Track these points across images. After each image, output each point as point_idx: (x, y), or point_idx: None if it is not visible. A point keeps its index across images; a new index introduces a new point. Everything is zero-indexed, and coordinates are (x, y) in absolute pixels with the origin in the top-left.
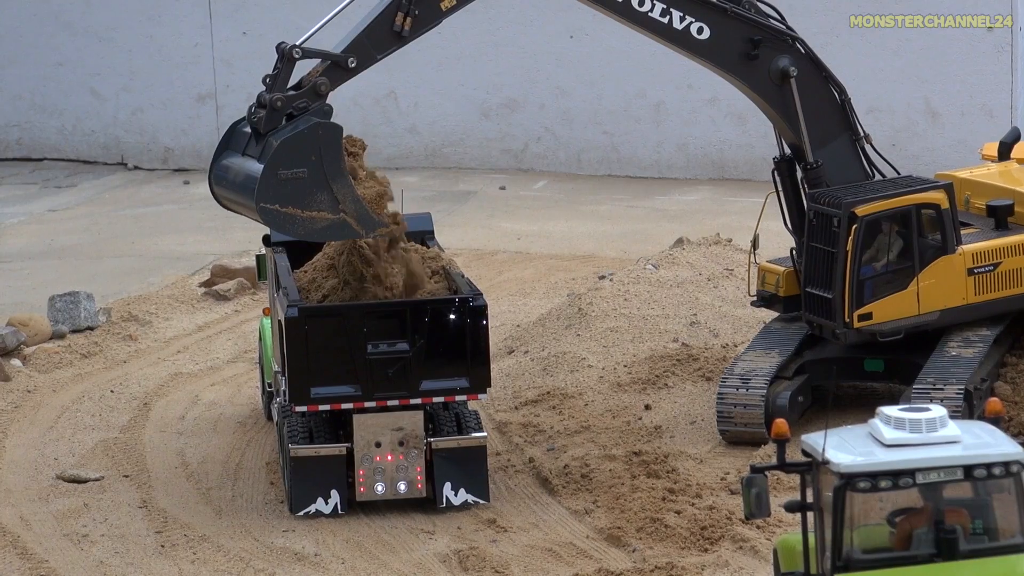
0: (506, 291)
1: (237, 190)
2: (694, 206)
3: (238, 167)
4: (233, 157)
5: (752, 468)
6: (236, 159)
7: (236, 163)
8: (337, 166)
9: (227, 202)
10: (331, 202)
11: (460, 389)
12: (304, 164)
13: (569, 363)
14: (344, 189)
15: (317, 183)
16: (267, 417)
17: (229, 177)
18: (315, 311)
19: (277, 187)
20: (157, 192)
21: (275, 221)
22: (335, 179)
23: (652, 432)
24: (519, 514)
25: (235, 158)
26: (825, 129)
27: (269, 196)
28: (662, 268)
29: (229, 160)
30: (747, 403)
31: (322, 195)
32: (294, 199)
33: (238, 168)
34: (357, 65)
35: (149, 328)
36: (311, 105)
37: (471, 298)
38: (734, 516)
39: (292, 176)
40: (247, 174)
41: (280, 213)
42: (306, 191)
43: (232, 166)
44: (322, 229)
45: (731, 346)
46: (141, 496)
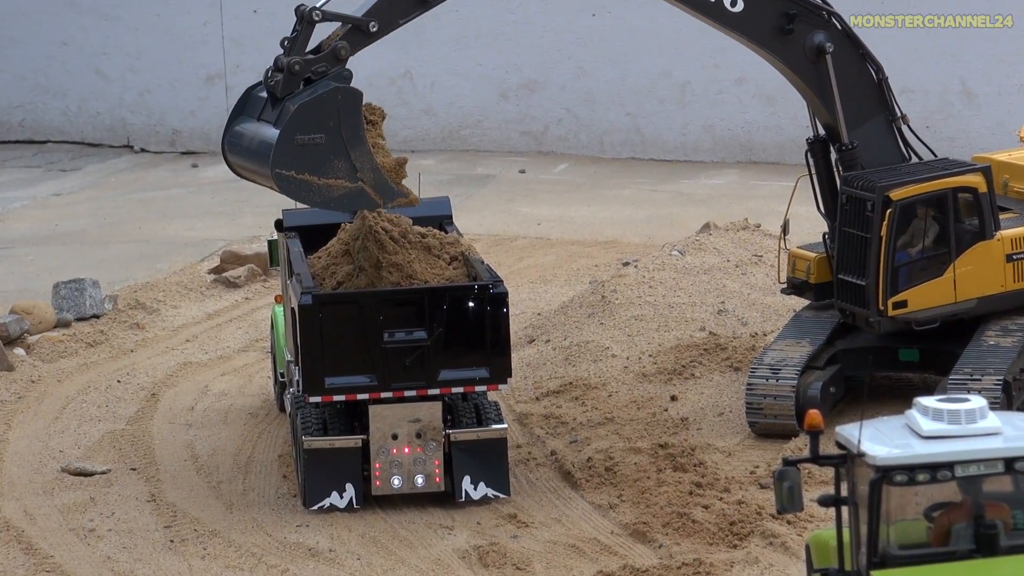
0: (526, 278)
1: (251, 157)
2: (721, 190)
3: (253, 133)
4: (248, 123)
5: (784, 461)
6: (251, 125)
7: (251, 129)
8: (356, 132)
9: (241, 170)
10: (349, 170)
11: (480, 379)
12: (322, 130)
13: (592, 352)
14: (363, 156)
15: (335, 150)
16: (279, 408)
17: (243, 143)
18: (330, 298)
19: (293, 153)
20: (164, 176)
21: (290, 188)
22: (354, 146)
23: (678, 424)
24: (541, 509)
25: (250, 124)
26: (861, 109)
27: (285, 162)
28: (688, 254)
29: (243, 126)
30: (777, 394)
31: (340, 162)
32: (311, 166)
33: (253, 134)
34: (379, 29)
35: (157, 316)
36: (330, 69)
37: (491, 285)
38: (764, 511)
39: (309, 142)
40: (262, 140)
41: (296, 180)
42: (323, 158)
43: (246, 132)
44: (339, 197)
45: (760, 335)
46: (149, 490)
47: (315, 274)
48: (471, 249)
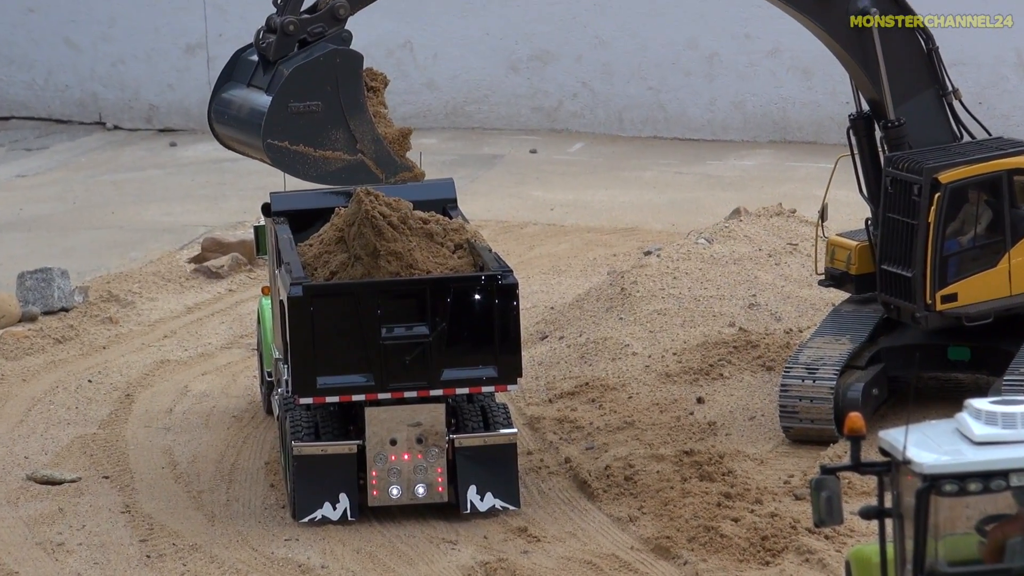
0: (538, 268)
1: (240, 126)
2: (752, 172)
3: (242, 100)
4: (237, 89)
5: (822, 469)
6: (240, 91)
7: (240, 95)
8: (356, 99)
9: (229, 141)
10: (348, 140)
11: (487, 379)
12: (319, 96)
13: (610, 350)
14: (363, 126)
15: (333, 118)
16: (266, 411)
17: (231, 112)
18: (322, 290)
19: (287, 121)
20: (140, 155)
21: (283, 161)
22: (353, 114)
23: (705, 429)
24: (554, 522)
25: (239, 90)
26: (909, 82)
27: (278, 132)
28: (716, 243)
29: (232, 92)
30: (814, 396)
31: (338, 132)
32: (306, 136)
33: (242, 101)
34: None
35: (132, 310)
36: (327, 31)
37: (500, 275)
38: (799, 524)
39: (305, 110)
40: (252, 107)
41: (289, 152)
42: (320, 127)
43: (235, 99)
44: (337, 171)
45: (795, 331)
46: (123, 500)
47: (306, 263)
48: (477, 236)
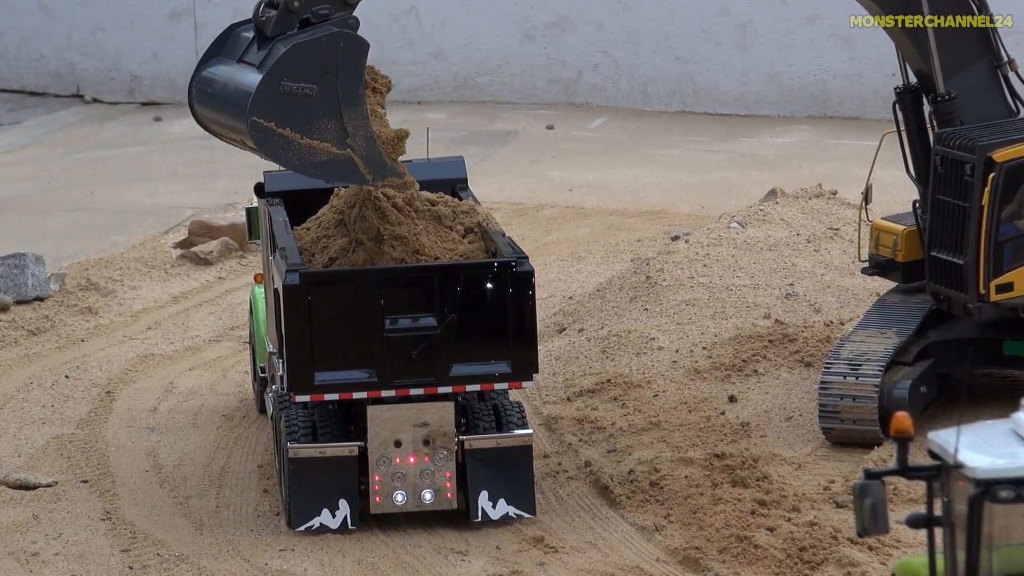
0: (555, 255)
1: (223, 106)
2: (789, 150)
3: (228, 77)
4: (223, 65)
5: (866, 473)
6: (227, 68)
7: (226, 72)
8: (354, 90)
9: (210, 123)
10: (338, 133)
11: (500, 375)
12: (315, 80)
13: (634, 344)
14: (357, 120)
15: (326, 106)
16: (259, 410)
17: (214, 90)
18: (320, 277)
19: (277, 101)
20: (122, 130)
21: (266, 143)
22: (349, 105)
23: (738, 430)
24: (573, 531)
25: (225, 66)
26: (961, 52)
27: (265, 110)
28: (750, 227)
29: (217, 69)
30: (857, 394)
31: (329, 121)
32: (295, 120)
33: (228, 78)
34: None
35: (112, 299)
36: (334, 14)
37: (514, 262)
38: (841, 534)
39: (298, 91)
40: (238, 87)
41: (274, 134)
42: (311, 113)
43: (219, 77)
44: (321, 164)
45: (836, 324)
46: (103, 506)
47: (303, 248)
48: (490, 219)
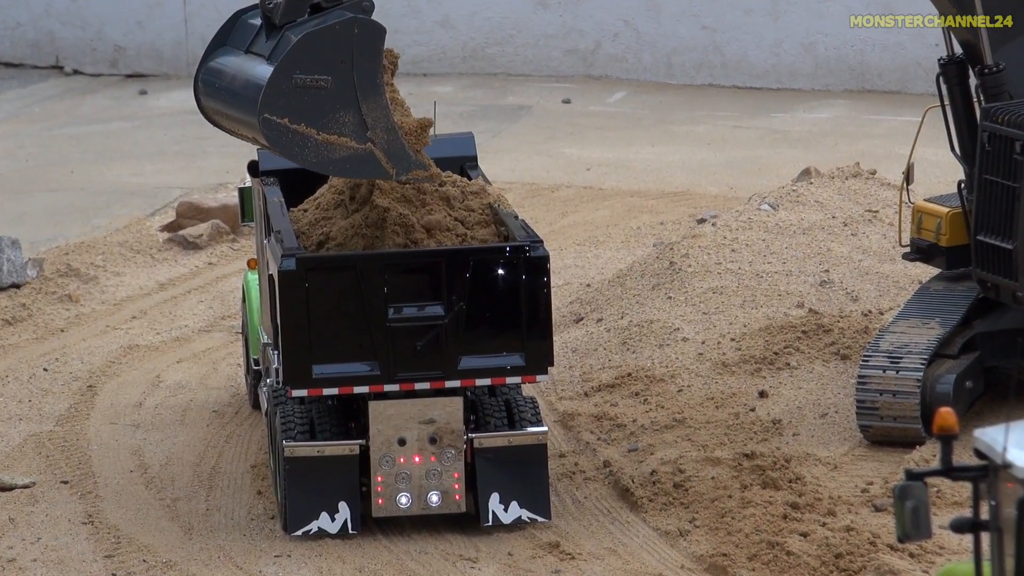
0: (572, 239)
1: (233, 100)
2: (825, 126)
3: (236, 69)
4: (231, 56)
5: (907, 474)
6: (235, 58)
7: (234, 64)
8: (372, 80)
9: (218, 117)
10: (357, 126)
11: (512, 368)
12: (329, 70)
13: (657, 335)
14: (377, 111)
15: (343, 98)
16: (252, 405)
17: (222, 83)
18: (318, 262)
19: (290, 96)
20: (104, 104)
21: (280, 141)
22: (368, 96)
23: (769, 428)
24: (591, 536)
25: (233, 57)
26: (1011, 20)
27: (277, 106)
28: (782, 209)
29: (224, 60)
30: (897, 389)
31: (347, 115)
32: (310, 115)
33: (237, 70)
34: None
35: (94, 286)
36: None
37: (527, 246)
38: (880, 540)
39: (312, 84)
40: (248, 79)
41: (288, 131)
42: (327, 107)
43: (228, 68)
44: (340, 160)
45: (875, 313)
46: (85, 508)
47: (300, 232)
48: (501, 200)
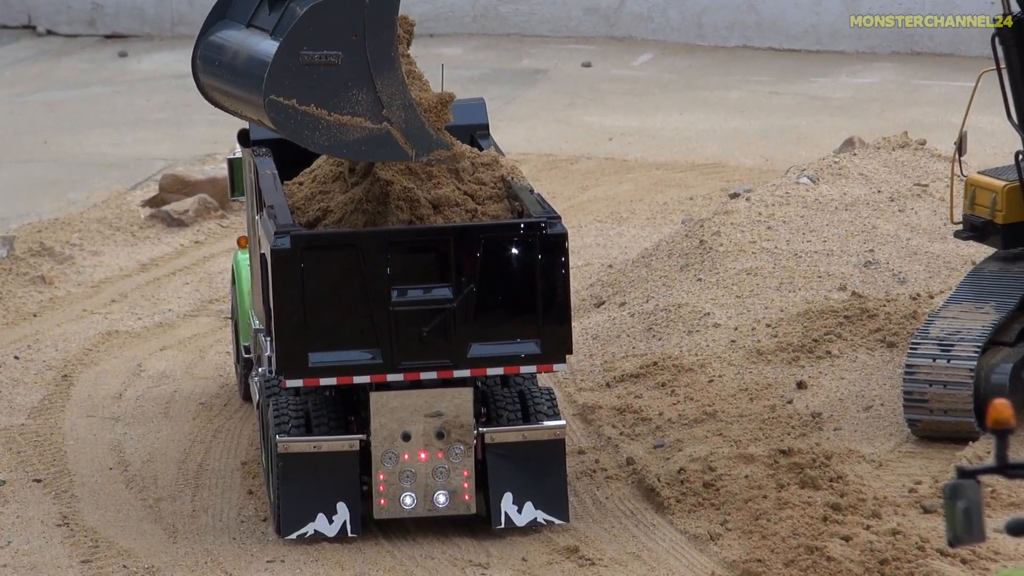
0: (592, 215)
1: (235, 78)
2: (870, 92)
3: (239, 44)
4: (232, 30)
5: (959, 472)
6: (236, 33)
7: (236, 39)
8: (387, 53)
9: (219, 96)
10: (372, 104)
11: (527, 357)
12: (339, 45)
13: (686, 320)
14: (393, 87)
15: (356, 74)
16: (243, 397)
17: (223, 59)
18: (315, 240)
19: (297, 75)
20: (81, 68)
21: (288, 124)
22: (381, 71)
23: (808, 422)
24: (612, 540)
25: (235, 32)
26: None
27: (284, 86)
28: (822, 182)
29: (225, 34)
30: (949, 380)
31: (361, 92)
32: (320, 94)
33: (239, 46)
34: None
35: (70, 266)
36: None
37: (544, 223)
38: (929, 544)
39: (320, 60)
40: (252, 55)
41: (297, 113)
42: (338, 85)
43: (229, 43)
44: (355, 142)
45: (924, 297)
46: (60, 509)
47: (295, 207)
48: (515, 173)
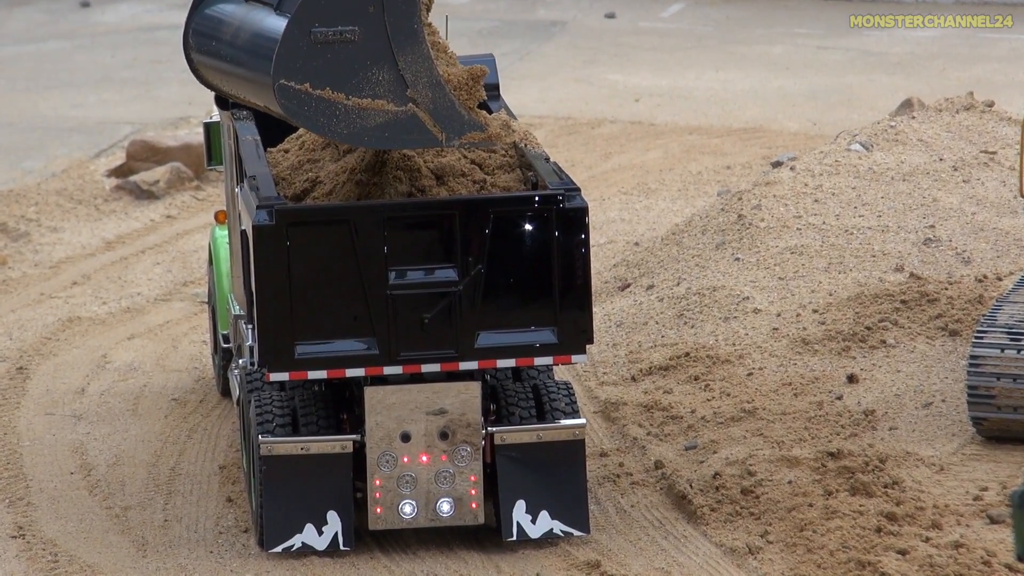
0: (616, 186)
1: (237, 57)
2: (930, 47)
3: (240, 19)
4: (230, 3)
5: None
6: (235, 6)
7: (235, 14)
8: (409, 26)
9: (215, 77)
10: (395, 84)
11: (542, 347)
12: (355, 20)
13: (721, 305)
14: (417, 64)
15: (374, 51)
16: (221, 392)
17: (223, 36)
18: (302, 215)
19: (309, 55)
20: (38, 20)
21: (302, 111)
22: (404, 46)
23: (859, 421)
24: (639, 554)
25: (233, 4)
26: None
27: (295, 69)
28: (876, 150)
29: (222, 8)
30: (1018, 373)
31: (381, 71)
32: (335, 76)
33: (240, 20)
34: None
35: (26, 244)
36: None
37: (561, 196)
38: (995, 559)
39: (335, 38)
40: (257, 32)
41: (311, 98)
42: (356, 64)
43: (228, 18)
44: (377, 128)
45: (991, 279)
46: (14, 519)
47: (279, 177)
48: (529, 138)
